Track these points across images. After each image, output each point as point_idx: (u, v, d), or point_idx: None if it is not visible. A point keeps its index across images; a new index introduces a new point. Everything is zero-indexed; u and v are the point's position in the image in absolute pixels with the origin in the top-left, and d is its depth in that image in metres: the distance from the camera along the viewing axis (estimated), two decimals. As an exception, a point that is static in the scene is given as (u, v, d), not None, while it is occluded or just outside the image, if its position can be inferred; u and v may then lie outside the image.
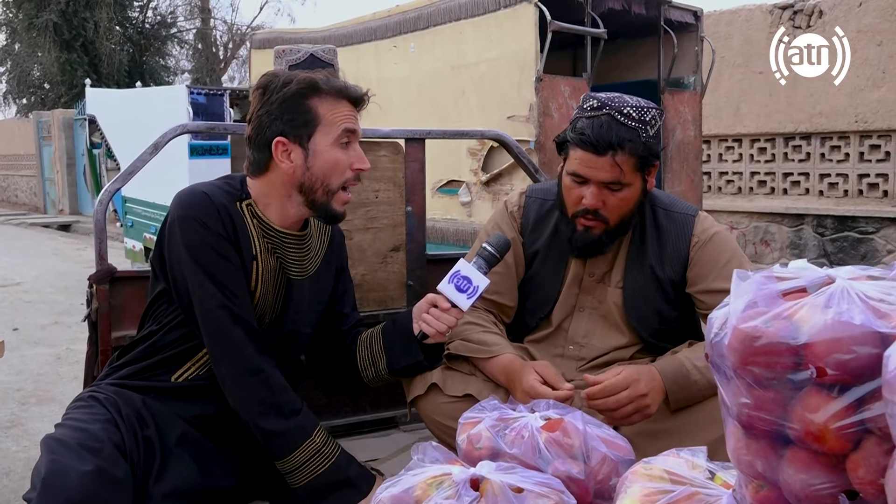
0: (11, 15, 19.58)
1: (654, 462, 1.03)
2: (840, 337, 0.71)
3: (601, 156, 1.53)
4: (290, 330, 1.56)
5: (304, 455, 1.43)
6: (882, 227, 5.59)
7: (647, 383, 1.48)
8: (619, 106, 1.55)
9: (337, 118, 1.46)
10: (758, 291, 0.80)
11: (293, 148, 1.46)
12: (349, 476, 1.46)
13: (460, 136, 3.34)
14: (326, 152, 1.46)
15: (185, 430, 1.47)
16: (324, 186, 1.47)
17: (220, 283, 1.42)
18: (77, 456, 1.23)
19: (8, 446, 3.06)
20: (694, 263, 1.66)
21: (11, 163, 18.17)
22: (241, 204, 1.49)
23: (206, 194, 1.45)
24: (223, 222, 1.44)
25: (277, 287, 1.54)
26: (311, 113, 1.45)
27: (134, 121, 6.71)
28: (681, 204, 1.75)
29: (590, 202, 1.58)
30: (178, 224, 1.43)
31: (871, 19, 5.50)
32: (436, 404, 1.66)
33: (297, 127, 1.45)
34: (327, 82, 1.47)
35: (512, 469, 1.02)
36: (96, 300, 1.89)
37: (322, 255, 1.63)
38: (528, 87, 3.76)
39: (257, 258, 1.49)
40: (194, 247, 1.42)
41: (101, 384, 1.51)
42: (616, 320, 1.70)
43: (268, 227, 1.51)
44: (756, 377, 0.77)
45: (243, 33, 22.35)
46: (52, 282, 7.59)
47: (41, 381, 4.01)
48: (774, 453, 0.79)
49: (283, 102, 1.45)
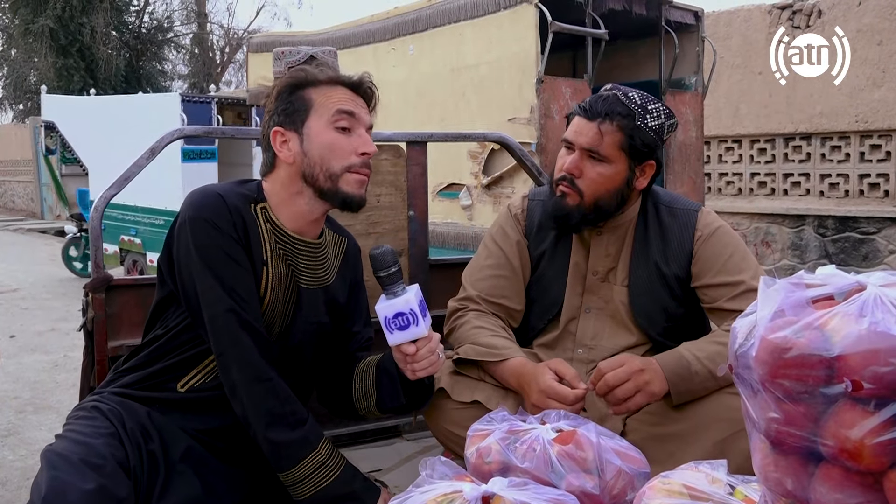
0: (8, 20, 19.57)
1: (672, 476, 0.99)
2: (877, 349, 0.68)
3: (590, 121, 1.59)
4: (299, 340, 1.52)
5: (309, 467, 1.40)
6: (883, 227, 5.56)
7: (642, 362, 1.47)
8: (626, 90, 1.62)
9: (329, 101, 1.44)
10: (786, 299, 0.76)
11: (290, 136, 1.44)
12: (353, 490, 1.42)
13: (462, 138, 3.31)
14: (322, 134, 1.42)
15: (190, 444, 1.43)
16: (324, 171, 1.42)
17: (230, 286, 1.38)
18: (78, 473, 1.19)
19: (4, 455, 3.02)
20: (698, 258, 1.65)
21: (8, 168, 18.14)
22: (256, 207, 1.46)
23: (219, 195, 1.41)
24: (235, 224, 1.40)
25: (287, 295, 1.49)
26: (303, 100, 1.44)
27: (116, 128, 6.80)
28: (683, 200, 1.75)
29: (567, 166, 1.61)
30: (189, 225, 1.39)
31: (871, 18, 5.48)
32: (443, 411, 1.64)
33: (291, 115, 1.44)
34: (319, 72, 1.46)
35: (524, 485, 0.98)
36: (92, 309, 1.85)
37: (337, 268, 1.59)
38: (529, 88, 3.74)
39: (268, 263, 1.45)
40: (204, 248, 1.38)
41: (104, 392, 1.46)
42: (624, 319, 1.69)
43: (281, 233, 1.47)
44: (786, 391, 0.73)
45: (240, 37, 22.36)
46: (50, 288, 7.55)
47: (38, 389, 3.98)
48: (805, 471, 0.75)
49: (278, 97, 1.45)
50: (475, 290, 1.75)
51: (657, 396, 1.48)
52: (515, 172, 3.88)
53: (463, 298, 1.78)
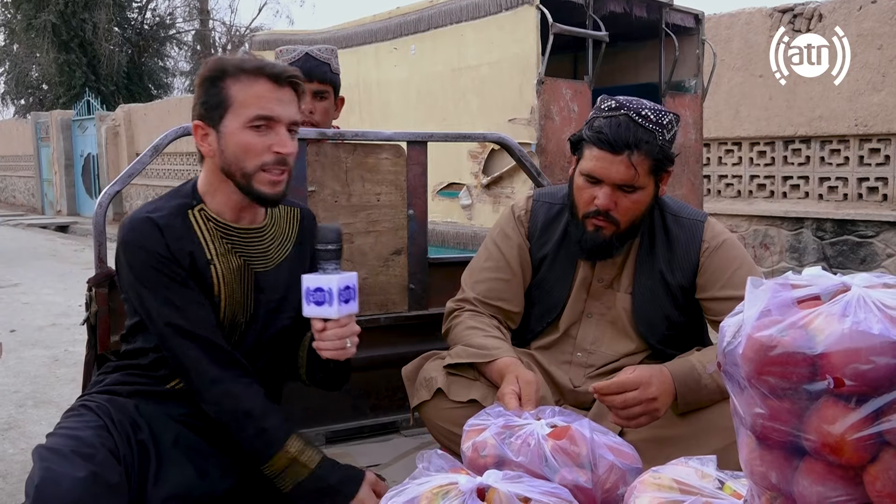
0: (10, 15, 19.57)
1: (662, 471, 1.02)
2: (858, 347, 0.70)
3: (617, 154, 1.53)
4: (266, 323, 1.54)
5: (281, 463, 1.44)
6: (882, 230, 5.58)
7: (658, 386, 1.46)
8: (636, 108, 1.55)
9: (248, 100, 1.40)
10: (772, 299, 0.78)
11: (209, 131, 1.45)
12: (331, 484, 1.44)
13: (462, 139, 3.33)
14: (236, 135, 1.41)
15: (180, 431, 1.47)
16: (239, 170, 1.43)
17: (165, 299, 1.42)
18: (70, 463, 1.21)
19: (5, 449, 3.04)
20: (704, 270, 1.65)
21: (9, 164, 18.13)
22: (193, 211, 1.48)
23: (147, 219, 1.44)
24: (165, 241, 1.42)
25: (244, 284, 1.52)
26: (221, 95, 1.41)
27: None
28: (689, 209, 1.74)
29: (602, 203, 1.57)
30: (121, 250, 1.45)
31: (871, 23, 5.50)
32: (440, 410, 1.65)
33: (210, 110, 1.43)
34: (240, 62, 1.42)
35: (518, 478, 1.01)
36: (95, 304, 1.87)
37: (293, 240, 1.61)
38: (530, 89, 3.75)
39: (213, 262, 1.48)
40: (135, 269, 1.43)
41: (91, 393, 1.51)
42: (625, 326, 1.69)
43: (223, 226, 1.50)
44: (771, 387, 0.75)
45: (242, 35, 22.37)
46: (50, 283, 7.56)
47: (39, 384, 4.00)
48: (789, 465, 0.78)
49: (200, 87, 1.45)
50: (473, 292, 1.76)
51: (661, 417, 1.48)
52: (515, 173, 3.90)
53: (460, 300, 1.79)
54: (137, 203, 14.67)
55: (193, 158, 12.83)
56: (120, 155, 14.27)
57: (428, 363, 1.74)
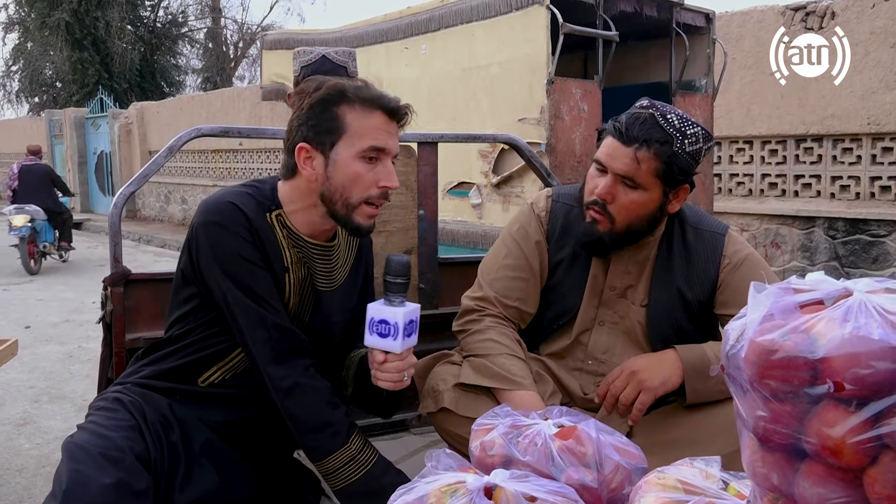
0: (24, 14, 19.73)
1: (667, 471, 1.03)
2: (858, 352, 0.71)
3: (626, 146, 1.52)
4: (314, 341, 1.52)
5: (339, 461, 1.42)
6: (894, 230, 5.55)
7: (642, 361, 1.51)
8: (664, 110, 1.54)
9: (365, 130, 1.40)
10: (775, 304, 0.79)
11: (315, 155, 1.42)
12: (382, 485, 1.42)
13: (473, 139, 3.34)
14: (347, 164, 1.40)
15: (210, 437, 1.47)
16: (343, 199, 1.42)
17: (247, 286, 1.40)
18: (98, 466, 1.22)
19: (20, 444, 3.08)
20: (724, 287, 1.62)
21: (23, 161, 18.26)
22: (271, 215, 1.46)
23: (232, 203, 1.42)
24: (250, 230, 1.41)
25: (306, 299, 1.52)
26: (336, 121, 1.40)
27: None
28: (709, 220, 1.71)
29: (601, 191, 1.56)
30: (204, 230, 1.41)
31: (884, 21, 5.46)
32: (447, 419, 1.64)
33: (321, 134, 1.41)
34: (358, 90, 1.41)
35: (525, 477, 1.02)
36: (111, 302, 1.90)
37: (351, 263, 1.61)
38: (540, 89, 3.76)
39: (289, 269, 1.47)
40: (223, 255, 1.40)
41: (127, 384, 1.49)
42: (638, 337, 1.67)
43: (297, 237, 1.48)
44: (772, 390, 0.77)
45: (253, 32, 22.45)
46: (64, 279, 7.63)
47: (53, 379, 4.05)
48: (790, 466, 0.79)
49: (311, 108, 1.42)
50: (492, 290, 1.72)
51: (662, 388, 1.49)
52: (525, 172, 3.91)
53: (479, 298, 1.74)
54: (150, 200, 14.77)
55: (205, 156, 12.90)
56: (133, 152, 14.37)
57: (438, 366, 1.71)
